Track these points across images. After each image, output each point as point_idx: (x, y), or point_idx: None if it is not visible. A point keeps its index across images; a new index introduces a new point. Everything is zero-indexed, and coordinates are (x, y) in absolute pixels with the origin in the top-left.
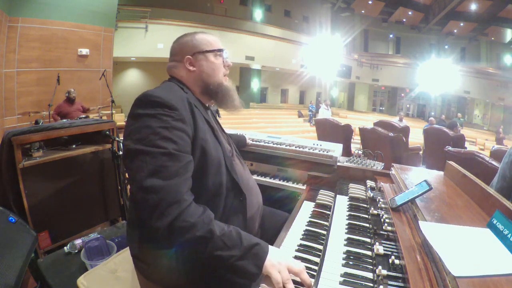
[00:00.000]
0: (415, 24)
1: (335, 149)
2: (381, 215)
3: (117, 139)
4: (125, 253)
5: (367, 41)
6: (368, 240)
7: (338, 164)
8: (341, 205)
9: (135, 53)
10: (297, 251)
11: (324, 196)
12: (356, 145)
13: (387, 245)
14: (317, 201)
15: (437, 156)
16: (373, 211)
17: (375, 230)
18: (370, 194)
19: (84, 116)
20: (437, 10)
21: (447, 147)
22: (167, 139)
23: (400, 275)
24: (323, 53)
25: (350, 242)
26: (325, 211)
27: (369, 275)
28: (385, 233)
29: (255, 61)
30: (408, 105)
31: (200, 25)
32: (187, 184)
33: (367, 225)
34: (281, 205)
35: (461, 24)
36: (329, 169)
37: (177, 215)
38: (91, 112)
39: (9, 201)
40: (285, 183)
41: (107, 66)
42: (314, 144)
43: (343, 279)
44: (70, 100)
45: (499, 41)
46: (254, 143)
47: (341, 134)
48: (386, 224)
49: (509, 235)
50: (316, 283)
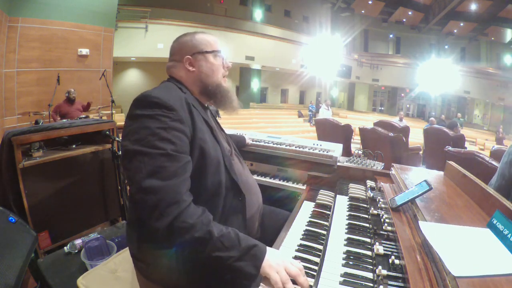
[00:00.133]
0: (415, 24)
1: (335, 149)
2: (381, 215)
3: (117, 139)
4: (125, 253)
5: (367, 41)
6: (368, 240)
7: (338, 164)
8: (341, 205)
9: (135, 53)
10: (297, 251)
11: (324, 196)
12: (356, 145)
13: (387, 245)
14: (317, 201)
15: (437, 156)
16: (373, 211)
17: (375, 230)
18: (370, 194)
19: (84, 116)
20: (437, 10)
21: (447, 147)
22: (165, 140)
23: (400, 275)
24: (323, 53)
25: (350, 242)
26: (325, 211)
27: (369, 275)
28: (385, 233)
29: (255, 61)
30: (408, 105)
31: (200, 25)
32: (186, 184)
33: (367, 225)
34: (281, 205)
35: (461, 24)
36: (329, 169)
37: (176, 215)
38: (91, 112)
39: (9, 201)
40: (285, 183)
41: (107, 66)
42: (314, 144)
43: (343, 279)
44: (70, 100)
45: (499, 41)
46: (254, 143)
47: (341, 134)
48: (386, 224)
49: (509, 235)
50: (316, 283)
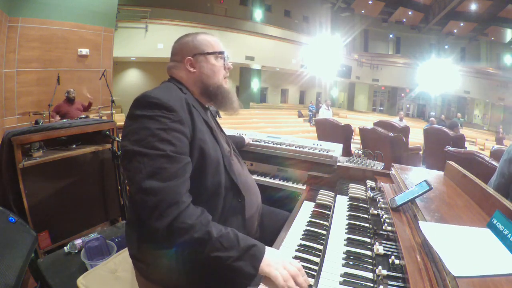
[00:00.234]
0: (415, 24)
1: (335, 149)
2: (381, 215)
3: (117, 139)
4: (125, 253)
5: (367, 41)
6: (368, 240)
7: (338, 164)
8: (341, 205)
9: (135, 53)
10: (297, 251)
11: (324, 196)
12: (356, 145)
13: (387, 245)
14: (317, 201)
15: (437, 156)
16: (373, 211)
17: (375, 230)
18: (370, 194)
19: (84, 116)
20: (437, 10)
21: (447, 147)
22: (165, 141)
23: (400, 275)
24: (323, 53)
25: (350, 242)
26: (325, 211)
27: (369, 275)
28: (385, 233)
29: (255, 61)
30: (408, 105)
31: (200, 25)
32: (185, 185)
33: (367, 225)
34: (281, 205)
35: (461, 24)
36: (329, 169)
37: (176, 216)
38: (91, 112)
39: (9, 201)
40: (285, 183)
41: (107, 66)
42: (314, 144)
43: (343, 279)
44: (70, 100)
45: (499, 41)
46: (255, 142)
47: (341, 134)
48: (386, 224)
49: (509, 235)
50: (316, 283)
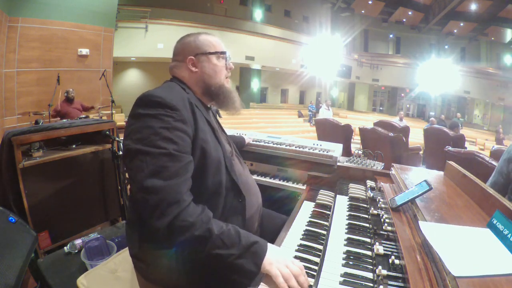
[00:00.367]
0: (415, 24)
1: (335, 149)
2: (381, 215)
3: (117, 139)
4: (125, 253)
5: (367, 41)
6: (368, 240)
7: (338, 164)
8: (341, 205)
9: (135, 53)
10: (297, 251)
11: (324, 196)
12: (356, 145)
13: (387, 245)
14: (317, 201)
15: (437, 156)
16: (373, 211)
17: (375, 230)
18: (370, 194)
19: (84, 116)
20: (437, 10)
21: (447, 147)
22: (167, 139)
23: (400, 275)
24: (323, 53)
25: (350, 242)
26: (325, 211)
27: (369, 275)
28: (385, 233)
29: (255, 61)
30: (408, 105)
31: (200, 25)
32: (187, 184)
33: (367, 225)
34: (281, 205)
35: (461, 24)
36: (329, 169)
37: (177, 214)
38: (91, 112)
39: (9, 201)
40: (285, 183)
41: (107, 66)
42: (314, 144)
43: (343, 279)
44: (69, 100)
45: (499, 41)
46: (255, 142)
47: (341, 134)
48: (386, 224)
49: (509, 235)
50: (316, 283)
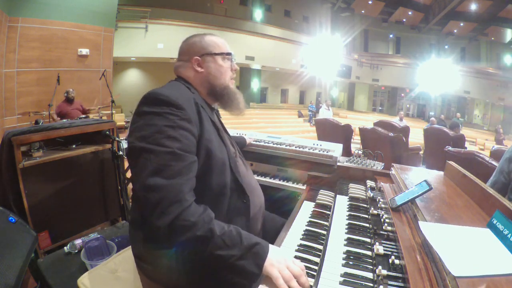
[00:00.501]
0: (415, 24)
1: (335, 149)
2: (381, 215)
3: (117, 139)
4: (125, 253)
5: (367, 41)
6: (368, 240)
7: (338, 164)
8: (341, 205)
9: (135, 53)
10: (297, 251)
11: (324, 196)
12: (356, 145)
13: (387, 245)
14: (317, 201)
15: (437, 156)
16: (373, 211)
17: (375, 230)
18: (370, 194)
19: (84, 116)
20: (437, 10)
21: (447, 147)
22: (172, 138)
23: (400, 275)
24: (323, 53)
25: (350, 242)
26: (325, 211)
27: (369, 275)
28: (385, 233)
29: (255, 61)
30: (408, 105)
31: (200, 25)
32: (189, 184)
33: (367, 225)
34: (281, 205)
35: (461, 24)
36: (329, 169)
37: (178, 214)
38: (91, 112)
39: (9, 201)
40: (285, 183)
41: (107, 66)
42: (314, 144)
43: (343, 279)
44: (69, 100)
45: (499, 41)
46: (255, 142)
47: (341, 134)
48: (386, 224)
49: (509, 235)
50: (316, 283)
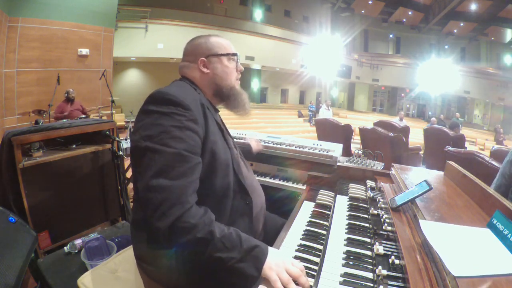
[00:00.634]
0: (415, 24)
1: (335, 149)
2: (381, 215)
3: (117, 139)
4: (125, 253)
5: (367, 41)
6: (368, 240)
7: (338, 164)
8: (341, 205)
9: (135, 53)
10: (297, 251)
11: (324, 196)
12: (356, 145)
13: (387, 245)
14: (317, 201)
15: (437, 156)
16: (373, 211)
17: (375, 230)
18: (370, 194)
19: (84, 116)
20: (437, 10)
21: (447, 147)
22: (178, 138)
23: (400, 275)
24: (323, 53)
25: (350, 242)
26: (325, 211)
27: (369, 275)
28: (385, 233)
29: (255, 61)
30: (408, 105)
31: (200, 25)
32: (192, 186)
33: (367, 225)
34: (281, 205)
35: (461, 24)
36: (329, 169)
37: (179, 216)
38: (91, 112)
39: (9, 201)
40: (285, 183)
41: (107, 66)
42: (314, 144)
43: (343, 279)
44: (69, 100)
45: (499, 41)
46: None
47: (341, 134)
48: (386, 224)
49: (509, 235)
50: (316, 283)
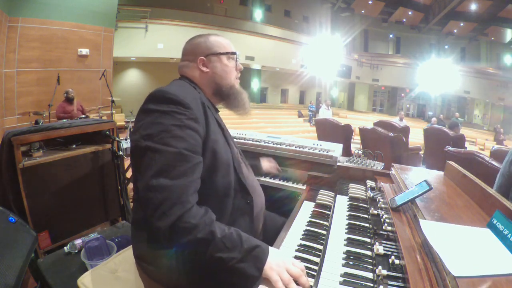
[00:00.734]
0: (415, 24)
1: (335, 149)
2: (381, 215)
3: (117, 139)
4: (125, 253)
5: (367, 41)
6: (368, 240)
7: (338, 164)
8: (341, 205)
9: (135, 53)
10: (297, 251)
11: (324, 196)
12: (356, 145)
13: (387, 245)
14: (317, 201)
15: (437, 156)
16: (373, 211)
17: (375, 230)
18: (370, 194)
19: (84, 116)
20: (437, 10)
21: (447, 147)
22: (178, 137)
23: (400, 275)
24: (323, 53)
25: (350, 242)
26: (325, 211)
27: (369, 275)
28: (385, 233)
29: (255, 61)
30: (408, 105)
31: (200, 25)
32: (193, 185)
33: (367, 225)
34: (281, 205)
35: (461, 24)
36: (329, 169)
37: (180, 215)
38: (91, 112)
39: (9, 201)
40: (285, 183)
41: (107, 66)
42: (314, 144)
43: (343, 279)
44: (69, 100)
45: (499, 41)
46: (256, 143)
47: (341, 134)
48: (386, 224)
49: (509, 235)
50: (316, 283)
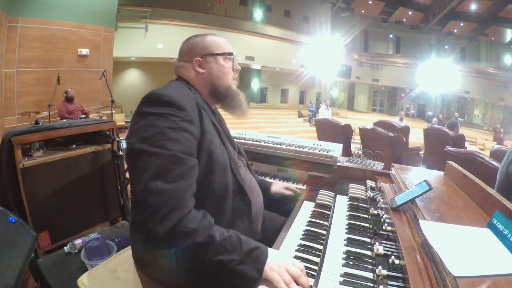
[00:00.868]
0: (415, 24)
1: (335, 149)
2: (381, 215)
3: (117, 139)
4: (125, 253)
5: (367, 41)
6: (368, 240)
7: (338, 164)
8: (341, 205)
9: (135, 53)
10: (297, 251)
11: (324, 196)
12: (356, 145)
13: (387, 245)
14: (317, 201)
15: (437, 156)
16: (373, 211)
17: (375, 230)
18: (370, 194)
19: (84, 116)
20: (437, 10)
21: (447, 147)
22: (173, 140)
23: (400, 275)
24: (323, 53)
25: (350, 242)
26: (325, 211)
27: (369, 275)
28: (385, 233)
29: (255, 61)
30: (408, 105)
31: (200, 25)
32: (190, 189)
33: (367, 225)
34: (281, 205)
35: (461, 24)
36: (329, 169)
37: (178, 220)
38: (91, 112)
39: (9, 201)
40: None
41: (107, 66)
42: (314, 144)
43: (343, 279)
44: (69, 100)
45: (499, 41)
46: (256, 143)
47: (341, 134)
48: (386, 224)
49: (509, 235)
50: (316, 283)
